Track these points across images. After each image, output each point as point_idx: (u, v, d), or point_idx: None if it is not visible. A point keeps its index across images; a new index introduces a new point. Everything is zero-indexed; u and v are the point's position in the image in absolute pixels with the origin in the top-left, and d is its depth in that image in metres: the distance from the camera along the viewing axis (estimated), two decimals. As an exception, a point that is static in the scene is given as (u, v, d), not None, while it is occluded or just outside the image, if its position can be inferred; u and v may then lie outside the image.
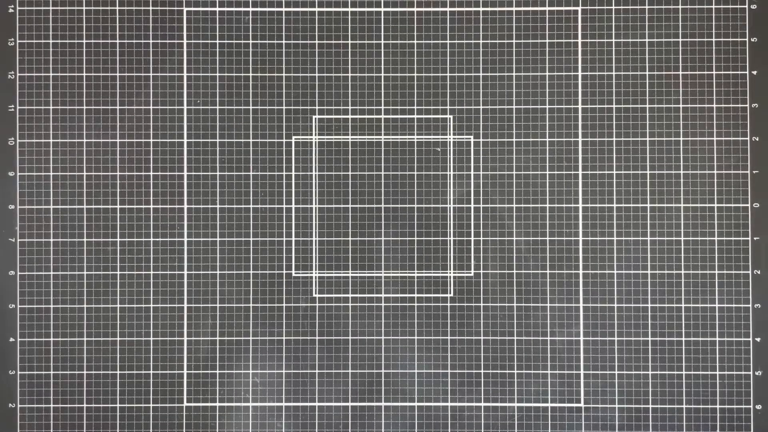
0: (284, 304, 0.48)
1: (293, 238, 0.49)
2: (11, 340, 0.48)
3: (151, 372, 0.48)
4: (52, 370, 0.48)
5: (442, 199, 0.49)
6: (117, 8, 0.49)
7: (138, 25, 0.49)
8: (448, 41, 0.49)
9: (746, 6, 0.49)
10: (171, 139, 0.49)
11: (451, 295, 0.49)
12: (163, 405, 0.48)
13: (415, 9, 0.49)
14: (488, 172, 0.49)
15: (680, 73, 0.49)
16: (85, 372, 0.48)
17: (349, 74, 0.49)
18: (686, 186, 0.49)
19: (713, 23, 0.49)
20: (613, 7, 0.49)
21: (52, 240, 0.48)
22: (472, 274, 0.48)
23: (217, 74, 0.49)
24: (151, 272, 0.48)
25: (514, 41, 0.49)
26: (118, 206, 0.49)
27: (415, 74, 0.49)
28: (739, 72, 0.49)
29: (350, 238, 0.49)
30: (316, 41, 0.49)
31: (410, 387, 0.48)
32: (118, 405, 0.48)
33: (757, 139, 0.49)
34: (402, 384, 0.48)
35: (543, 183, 0.49)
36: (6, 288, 0.48)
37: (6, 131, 0.49)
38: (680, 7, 0.49)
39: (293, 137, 0.49)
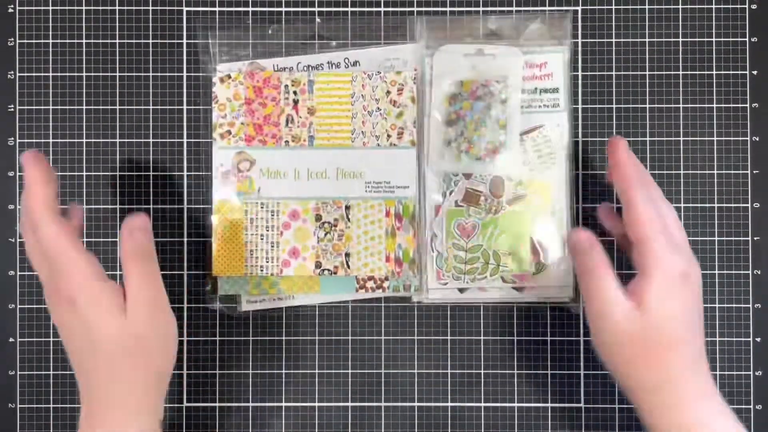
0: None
1: (293, 238, 0.49)
2: (11, 340, 0.48)
3: (151, 372, 0.48)
4: (52, 370, 0.48)
5: (442, 199, 0.49)
6: (117, 8, 0.49)
7: (138, 25, 0.49)
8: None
9: (746, 6, 0.49)
10: (171, 139, 0.49)
11: (451, 295, 0.48)
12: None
13: (415, 9, 0.49)
14: (488, 172, 0.49)
15: (680, 73, 0.49)
16: (85, 372, 0.48)
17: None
18: (686, 186, 0.49)
19: (713, 23, 0.49)
20: (613, 7, 0.49)
21: (52, 240, 0.48)
22: (472, 274, 0.48)
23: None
24: (151, 272, 0.48)
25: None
26: (118, 206, 0.48)
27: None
28: (739, 72, 0.49)
29: (350, 238, 0.49)
30: (316, 41, 0.49)
31: (410, 387, 0.48)
32: (118, 405, 0.48)
33: (757, 139, 0.49)
34: (402, 384, 0.48)
35: (543, 183, 0.49)
36: (6, 288, 0.48)
37: (6, 131, 0.49)
38: (680, 7, 0.49)
39: (293, 137, 0.49)
